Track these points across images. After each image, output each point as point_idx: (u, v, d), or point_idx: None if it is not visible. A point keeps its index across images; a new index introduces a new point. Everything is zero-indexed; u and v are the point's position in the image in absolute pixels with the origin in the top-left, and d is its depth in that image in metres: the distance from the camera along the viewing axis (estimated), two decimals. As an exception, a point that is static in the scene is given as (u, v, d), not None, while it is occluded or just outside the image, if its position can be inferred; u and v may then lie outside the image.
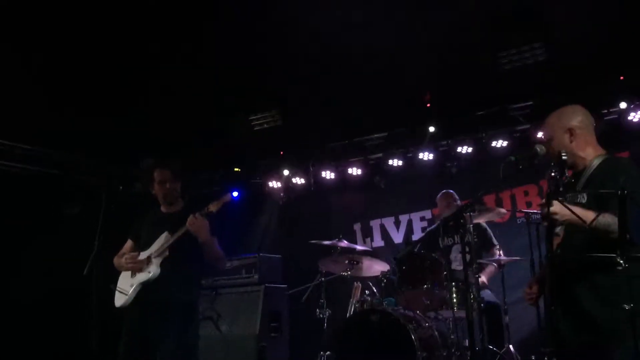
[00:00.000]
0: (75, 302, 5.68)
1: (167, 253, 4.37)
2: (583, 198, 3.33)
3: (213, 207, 4.33)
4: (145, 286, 4.37)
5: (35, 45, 6.24)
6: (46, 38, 6.14)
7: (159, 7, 5.95)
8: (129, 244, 4.74)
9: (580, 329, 3.23)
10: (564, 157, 3.17)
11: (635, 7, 5.86)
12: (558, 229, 3.32)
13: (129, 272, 4.49)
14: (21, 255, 7.37)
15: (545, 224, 3.16)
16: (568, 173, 3.46)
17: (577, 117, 3.48)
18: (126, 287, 4.44)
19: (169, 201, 4.62)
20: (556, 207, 3.09)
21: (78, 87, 6.78)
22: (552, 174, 3.14)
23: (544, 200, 3.15)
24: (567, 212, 3.10)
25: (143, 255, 4.47)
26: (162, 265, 4.37)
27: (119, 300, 4.45)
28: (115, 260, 4.63)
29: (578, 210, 3.11)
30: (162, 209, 4.68)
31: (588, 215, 3.08)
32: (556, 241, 3.33)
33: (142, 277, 4.38)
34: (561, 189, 3.13)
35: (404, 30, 6.34)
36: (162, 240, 4.43)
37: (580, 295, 3.23)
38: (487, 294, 6.04)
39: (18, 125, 7.05)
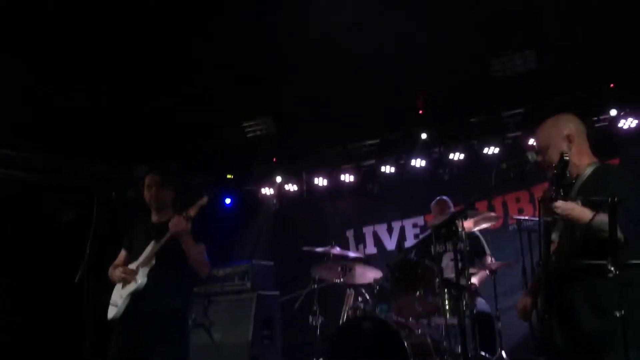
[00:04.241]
0: (67, 309, 5.66)
1: (153, 262, 4.32)
2: (577, 205, 3.34)
3: (192, 212, 4.26)
4: (134, 296, 4.32)
5: (29, 50, 6.22)
6: (41, 42, 6.12)
7: (154, 13, 5.95)
8: (122, 254, 4.68)
9: (573, 338, 3.23)
10: (565, 158, 3.11)
11: (627, 16, 5.91)
12: (554, 236, 3.33)
13: (121, 284, 4.45)
14: (14, 260, 7.33)
15: (549, 219, 3.14)
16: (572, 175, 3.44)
17: (572, 125, 3.48)
18: (117, 298, 4.40)
19: (156, 207, 4.55)
20: (559, 202, 3.09)
21: (72, 92, 6.76)
22: (555, 172, 3.12)
23: (544, 196, 3.14)
24: (570, 207, 3.11)
25: (133, 265, 4.43)
26: (149, 274, 4.31)
27: (111, 312, 4.40)
28: (110, 272, 4.58)
29: (576, 207, 3.13)
30: (153, 218, 4.61)
31: (586, 213, 3.09)
32: (552, 248, 3.34)
33: (130, 287, 4.33)
34: (561, 190, 3.11)
35: (396, 38, 6.36)
36: (149, 249, 4.37)
37: (572, 303, 3.23)
38: (479, 302, 6.05)
39: (15, 131, 7.03)
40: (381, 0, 5.99)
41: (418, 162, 7.99)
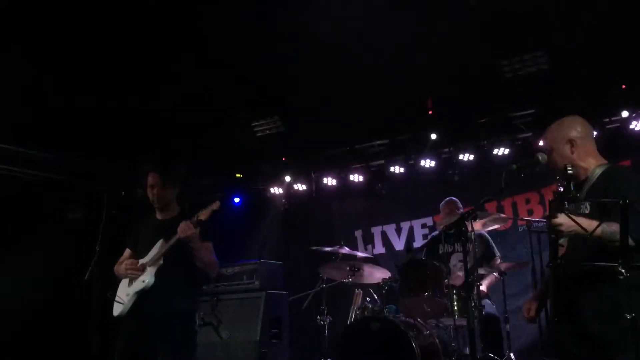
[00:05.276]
0: (76, 307, 5.68)
1: (161, 261, 4.29)
2: (586, 208, 3.30)
3: (202, 216, 4.21)
4: (140, 295, 4.29)
5: (37, 49, 6.26)
6: (49, 42, 6.16)
7: (161, 11, 5.97)
8: (127, 252, 4.66)
9: (582, 341, 3.20)
10: (569, 172, 3.08)
11: (637, 17, 5.88)
12: (562, 240, 3.30)
13: (127, 281, 4.42)
14: (23, 259, 7.37)
15: (552, 235, 3.13)
16: (580, 178, 3.41)
17: (576, 128, 3.46)
18: (123, 296, 4.38)
19: (158, 207, 4.52)
20: (561, 218, 3.08)
21: (80, 91, 6.80)
22: (559, 187, 3.10)
23: (547, 213, 3.12)
24: (572, 223, 3.06)
25: (140, 263, 4.40)
26: (157, 274, 4.28)
27: (117, 309, 4.38)
28: (116, 268, 4.56)
29: (582, 220, 3.09)
30: (157, 215, 4.58)
31: (592, 224, 3.06)
32: (560, 252, 3.30)
33: (137, 286, 4.30)
34: (566, 203, 3.09)
35: (406, 38, 6.35)
36: (157, 248, 4.35)
37: (582, 306, 3.21)
38: (486, 304, 6.02)
39: (21, 130, 7.07)
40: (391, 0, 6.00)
41: (427, 163, 7.97)
